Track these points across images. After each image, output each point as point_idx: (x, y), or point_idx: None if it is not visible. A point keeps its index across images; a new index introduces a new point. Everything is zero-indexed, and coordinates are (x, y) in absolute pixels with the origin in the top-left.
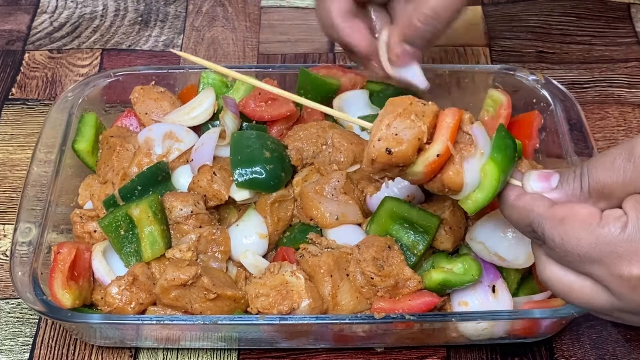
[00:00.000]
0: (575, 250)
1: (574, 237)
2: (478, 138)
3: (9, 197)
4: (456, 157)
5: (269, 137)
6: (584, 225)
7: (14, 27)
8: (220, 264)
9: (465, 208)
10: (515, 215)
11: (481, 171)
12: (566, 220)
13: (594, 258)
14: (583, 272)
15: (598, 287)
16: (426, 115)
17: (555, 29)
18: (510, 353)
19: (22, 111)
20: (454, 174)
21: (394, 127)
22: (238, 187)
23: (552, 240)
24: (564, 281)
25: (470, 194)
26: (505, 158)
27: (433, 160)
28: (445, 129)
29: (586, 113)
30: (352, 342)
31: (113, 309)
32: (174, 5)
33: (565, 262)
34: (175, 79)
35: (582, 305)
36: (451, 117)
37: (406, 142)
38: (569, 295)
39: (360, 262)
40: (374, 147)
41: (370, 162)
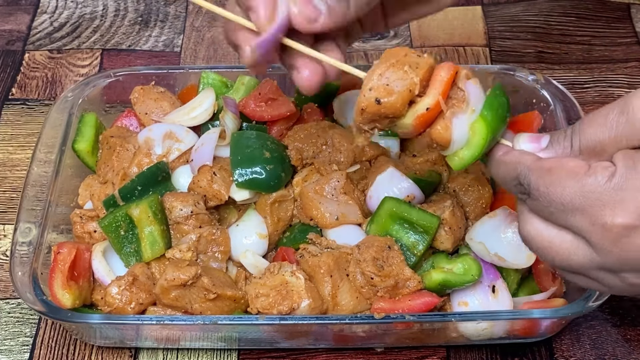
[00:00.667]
0: (560, 198)
1: (560, 186)
2: (471, 95)
3: (9, 197)
4: (446, 113)
5: (269, 137)
6: (570, 175)
7: (14, 27)
8: (220, 264)
9: (451, 164)
10: (502, 170)
11: (470, 128)
12: (553, 170)
13: (577, 207)
14: (565, 224)
15: (579, 241)
16: (420, 67)
17: (555, 29)
18: (510, 353)
19: (22, 111)
20: (442, 129)
21: (386, 77)
22: (238, 187)
23: (537, 189)
24: (544, 235)
25: (457, 151)
26: (496, 117)
27: (422, 114)
28: (438, 82)
29: (586, 113)
30: (352, 342)
31: (113, 309)
32: (174, 5)
33: (547, 214)
34: (175, 79)
35: (560, 263)
36: (446, 71)
37: (396, 94)
38: (548, 250)
39: (360, 262)
40: (364, 97)
41: (360, 112)
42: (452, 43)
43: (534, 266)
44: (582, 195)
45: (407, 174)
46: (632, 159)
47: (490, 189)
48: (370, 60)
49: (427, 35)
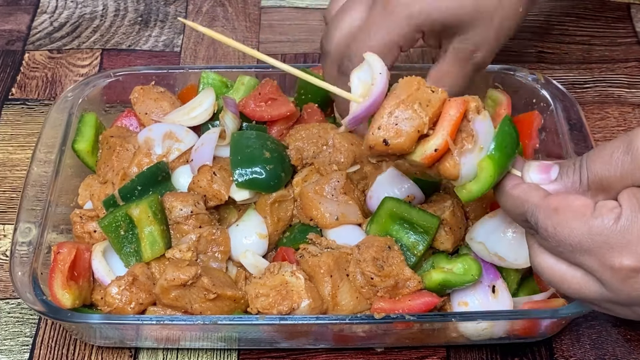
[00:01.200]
0: (568, 240)
1: (567, 227)
2: (479, 132)
3: (9, 197)
4: (454, 151)
5: (269, 137)
6: (577, 216)
7: (14, 27)
8: (220, 264)
9: (460, 196)
10: (509, 204)
11: (478, 166)
12: (560, 210)
13: (585, 248)
14: (575, 262)
15: (589, 278)
16: (431, 105)
17: (555, 29)
18: (510, 353)
19: (22, 111)
20: (450, 167)
21: (395, 117)
22: (238, 187)
23: (545, 230)
24: (555, 270)
25: (466, 184)
26: (503, 155)
27: (430, 155)
28: (447, 122)
29: (586, 113)
30: (352, 342)
31: (113, 309)
32: (174, 5)
33: (557, 252)
34: (175, 79)
35: (573, 295)
36: (455, 109)
37: (404, 135)
38: (560, 284)
39: (360, 262)
40: (372, 135)
41: (368, 148)
42: None
43: None
44: (589, 238)
45: (407, 174)
46: (637, 199)
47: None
48: None
49: None
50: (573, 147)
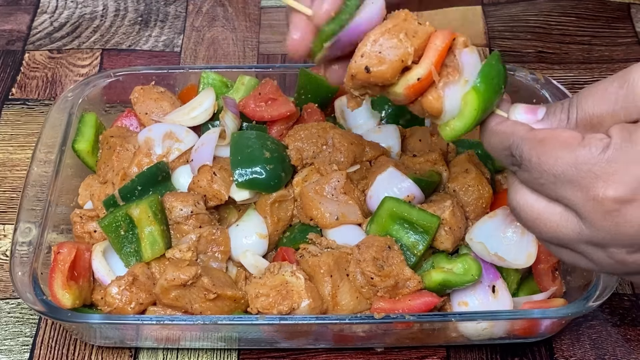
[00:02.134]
0: (552, 169)
1: (552, 157)
2: (465, 64)
3: (9, 197)
4: (438, 83)
5: (268, 137)
6: (563, 145)
7: (14, 27)
8: (220, 264)
9: (443, 134)
10: (494, 140)
11: (462, 99)
12: (546, 140)
13: (569, 178)
14: (556, 196)
15: (568, 213)
16: (417, 36)
17: (555, 29)
18: (510, 353)
19: (22, 111)
20: (433, 99)
21: (379, 45)
22: (238, 188)
23: (529, 160)
24: (534, 207)
25: (449, 121)
26: (490, 88)
27: (413, 84)
28: (432, 51)
29: None
30: (352, 342)
31: (113, 309)
32: (174, 5)
33: (538, 186)
34: (175, 79)
35: (547, 235)
36: (441, 39)
37: (387, 63)
38: (536, 222)
39: (360, 262)
40: (355, 63)
41: (350, 78)
42: None
43: (534, 266)
44: (574, 167)
45: (407, 174)
46: (629, 131)
47: (490, 189)
48: None
49: None
50: None
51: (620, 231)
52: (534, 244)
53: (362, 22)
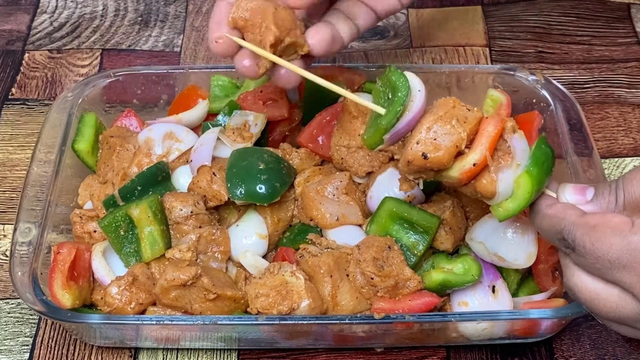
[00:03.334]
0: (606, 255)
1: (606, 243)
2: (516, 149)
3: (9, 197)
4: (492, 167)
5: (266, 150)
6: (615, 232)
7: (14, 27)
8: (220, 264)
9: (496, 215)
10: (546, 223)
11: (515, 182)
12: (598, 227)
13: (624, 264)
14: (612, 279)
15: (626, 295)
16: (468, 121)
17: (555, 29)
18: (510, 353)
19: (22, 111)
20: (487, 183)
21: (434, 132)
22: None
23: (583, 246)
24: (591, 289)
25: (502, 202)
26: (541, 172)
27: (469, 169)
28: (485, 137)
29: (586, 113)
30: (352, 342)
31: (113, 309)
32: (174, 5)
33: (594, 270)
34: (175, 79)
35: (607, 314)
36: (493, 126)
37: (443, 149)
38: (595, 303)
39: (360, 262)
40: (411, 150)
41: (406, 164)
42: (452, 43)
43: (534, 266)
44: (628, 253)
45: None
46: None
47: None
48: (369, 60)
49: (427, 35)
50: (573, 147)
51: None
52: (534, 244)
53: (415, 111)
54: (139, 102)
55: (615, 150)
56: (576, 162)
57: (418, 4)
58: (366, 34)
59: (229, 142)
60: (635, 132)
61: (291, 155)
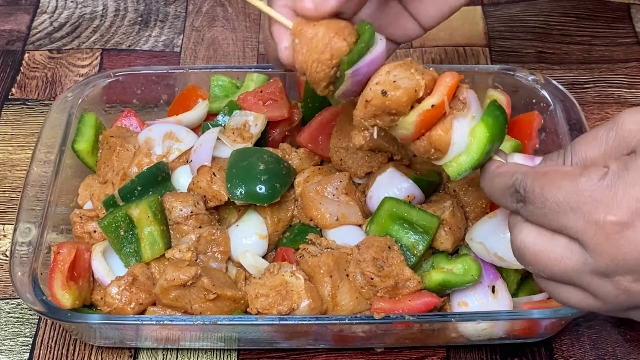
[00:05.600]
0: (554, 197)
1: (554, 186)
2: (472, 102)
3: (9, 197)
4: (448, 115)
5: (266, 151)
6: (565, 175)
7: (14, 27)
8: (220, 264)
9: (449, 172)
10: (497, 181)
11: (470, 134)
12: (549, 172)
13: (572, 205)
14: (559, 226)
15: (572, 244)
16: (426, 74)
17: (555, 29)
18: (510, 353)
19: (22, 111)
20: (443, 132)
21: (394, 75)
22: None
23: (533, 191)
24: (537, 242)
25: (455, 157)
26: (496, 124)
27: (427, 110)
28: (443, 86)
29: (586, 113)
30: (352, 342)
31: (113, 309)
32: (174, 5)
33: (542, 217)
34: (175, 79)
35: (552, 269)
36: (450, 77)
37: (403, 89)
38: (540, 257)
39: (360, 262)
40: (370, 90)
41: (364, 105)
42: (452, 43)
43: None
44: (576, 194)
45: (407, 174)
46: (624, 161)
47: None
48: None
49: (427, 35)
50: None
51: (623, 255)
52: None
53: (377, 54)
54: (139, 102)
55: None
56: None
57: None
58: None
59: (229, 142)
60: None
61: (291, 156)
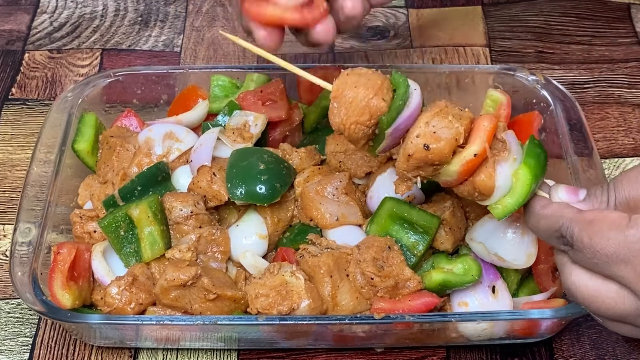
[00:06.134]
0: (604, 249)
1: (604, 237)
2: (512, 144)
3: (9, 197)
4: (489, 160)
5: (266, 150)
6: (613, 226)
7: (14, 27)
8: (220, 264)
9: (494, 213)
10: (543, 223)
11: (513, 176)
12: (595, 221)
13: (622, 258)
14: (610, 275)
15: (624, 291)
16: (463, 118)
17: (555, 29)
18: (510, 353)
19: (22, 111)
20: (486, 177)
21: (432, 126)
22: (233, 199)
23: (581, 241)
24: (589, 286)
25: (500, 199)
26: (538, 165)
27: (470, 160)
28: (482, 131)
29: (586, 113)
30: (352, 342)
31: (113, 309)
32: (174, 5)
33: (592, 265)
34: (175, 79)
35: (606, 312)
36: (488, 121)
37: (444, 140)
38: (594, 300)
39: (360, 262)
40: (412, 144)
41: (406, 159)
42: (452, 43)
43: (534, 266)
44: (625, 247)
45: None
46: None
47: None
48: (370, 60)
49: (427, 35)
50: (573, 147)
51: None
52: (534, 245)
53: (413, 108)
54: (139, 102)
55: (615, 150)
56: (576, 162)
57: (418, 4)
58: (366, 34)
59: (229, 142)
60: (635, 132)
61: (291, 156)
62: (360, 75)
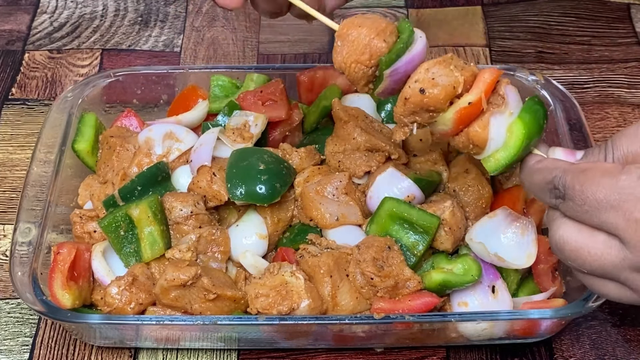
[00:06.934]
0: (594, 195)
1: (594, 183)
2: (510, 98)
3: (9, 197)
4: (485, 112)
5: (266, 151)
6: (605, 173)
7: (14, 27)
8: (220, 264)
9: (486, 167)
10: (536, 177)
11: (508, 130)
12: (589, 170)
13: (612, 203)
14: (599, 222)
15: (612, 240)
16: (465, 70)
17: (555, 29)
18: (510, 353)
19: (22, 111)
20: (480, 128)
21: (432, 72)
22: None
23: (572, 187)
24: (577, 237)
25: (493, 153)
26: (534, 120)
27: (464, 107)
28: (481, 82)
29: (586, 113)
30: (351, 342)
31: (113, 309)
32: (174, 5)
33: (582, 213)
34: (175, 79)
35: (592, 265)
36: (489, 74)
37: (441, 86)
38: (580, 252)
39: (360, 262)
40: (409, 87)
41: (403, 102)
42: (452, 43)
43: (534, 266)
44: (616, 192)
45: (407, 174)
46: None
47: (490, 189)
48: None
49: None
50: (573, 148)
51: None
52: (534, 245)
53: (415, 53)
54: (139, 102)
55: None
56: None
57: (418, 4)
58: None
59: (229, 142)
60: None
61: (291, 156)
62: (367, 18)
